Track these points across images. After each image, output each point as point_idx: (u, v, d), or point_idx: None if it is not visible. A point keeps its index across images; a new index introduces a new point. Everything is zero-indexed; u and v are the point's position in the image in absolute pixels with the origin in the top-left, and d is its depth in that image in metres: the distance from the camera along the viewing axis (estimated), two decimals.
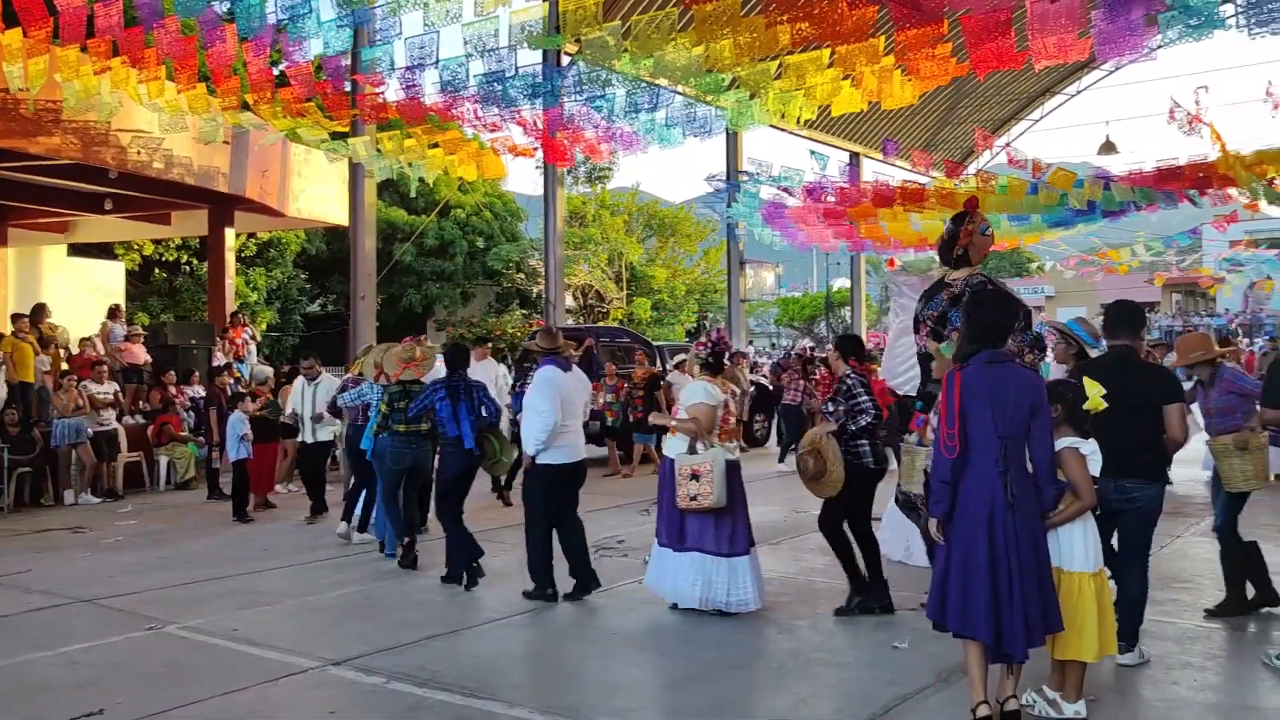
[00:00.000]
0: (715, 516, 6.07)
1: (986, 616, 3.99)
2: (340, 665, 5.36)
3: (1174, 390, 5.10)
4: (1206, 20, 8.20)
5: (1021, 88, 28.90)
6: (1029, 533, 4.07)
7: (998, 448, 4.05)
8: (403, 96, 9.83)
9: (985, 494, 4.04)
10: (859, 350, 6.26)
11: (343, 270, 25.41)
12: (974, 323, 4.38)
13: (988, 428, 4.07)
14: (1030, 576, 4.03)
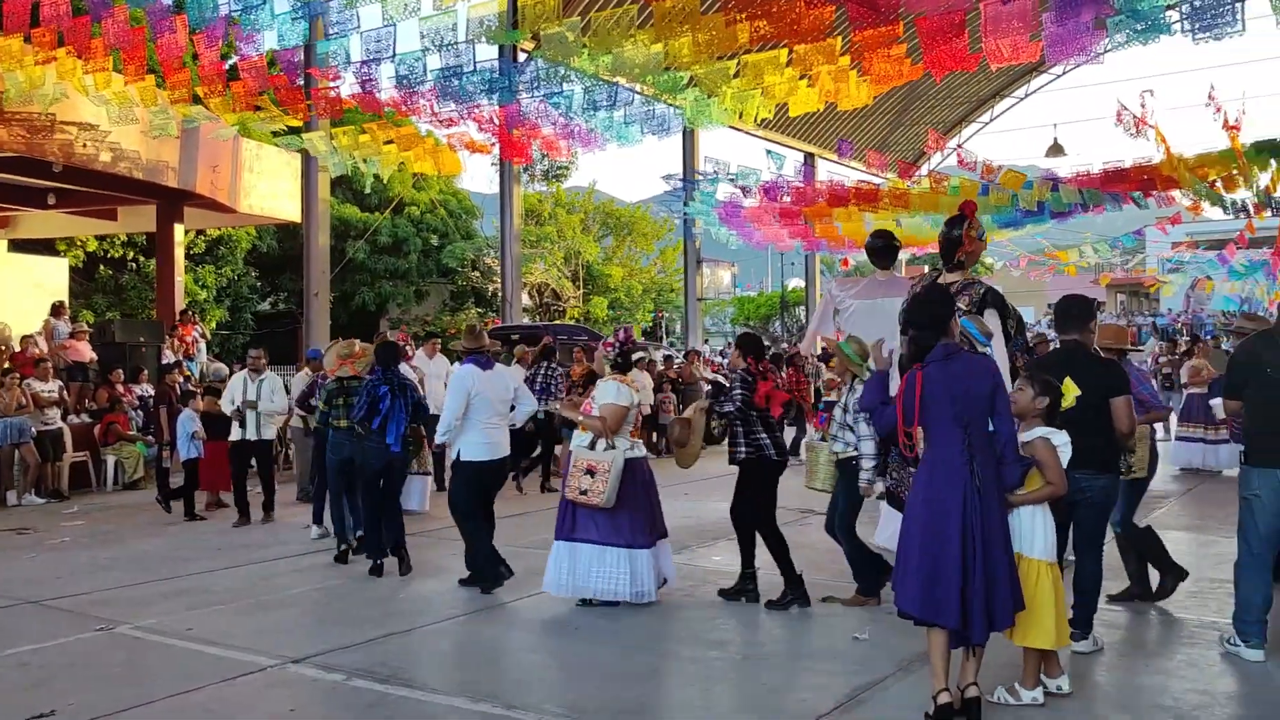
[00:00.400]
0: (613, 510, 6.17)
1: (955, 604, 4.07)
2: (300, 663, 5.30)
3: (1120, 383, 5.21)
4: (1152, 25, 8.39)
5: (972, 90, 29.37)
6: (995, 518, 4.17)
7: (961, 437, 4.16)
8: (358, 91, 9.75)
9: (953, 482, 4.14)
10: (757, 349, 6.50)
11: (295, 268, 25.09)
12: (915, 320, 4.50)
13: (950, 420, 4.18)
14: (997, 561, 4.13)
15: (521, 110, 10.48)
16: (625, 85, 10.22)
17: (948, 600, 4.07)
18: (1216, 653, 5.23)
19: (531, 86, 9.90)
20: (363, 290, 27.96)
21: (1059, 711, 4.41)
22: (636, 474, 6.29)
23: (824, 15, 7.52)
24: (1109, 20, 8.15)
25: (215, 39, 9.76)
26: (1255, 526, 5.05)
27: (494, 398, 6.94)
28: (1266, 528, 5.02)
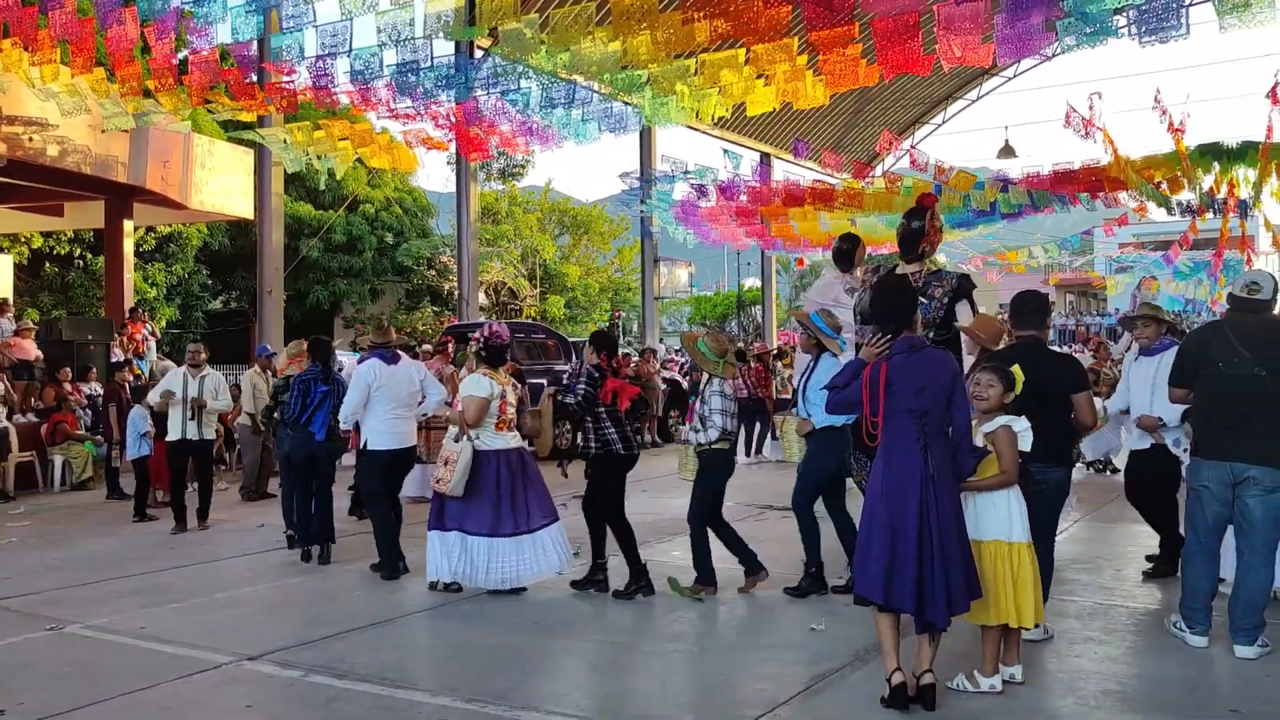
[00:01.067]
0: (475, 499, 6.44)
1: (911, 588, 4.17)
2: (256, 660, 5.25)
3: (1081, 379, 5.32)
4: (1101, 28, 8.58)
5: (925, 92, 29.73)
6: (950, 504, 4.29)
7: (917, 428, 4.28)
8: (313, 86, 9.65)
9: (909, 471, 4.25)
10: (609, 346, 6.72)
11: (247, 266, 24.75)
12: (878, 311, 4.61)
13: (908, 411, 4.30)
14: (952, 546, 4.23)
15: (479, 107, 10.45)
16: (583, 83, 10.23)
17: (904, 586, 4.19)
18: (1163, 639, 5.37)
19: (489, 83, 9.87)
20: (317, 289, 27.66)
21: (1010, 697, 4.50)
22: (501, 465, 6.49)
23: (781, 15, 7.59)
24: (1058, 23, 8.33)
25: (166, 31, 9.61)
26: (1204, 516, 5.17)
27: (398, 391, 7.29)
28: (1215, 517, 5.15)
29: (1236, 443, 5.03)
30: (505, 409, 6.60)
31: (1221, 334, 5.24)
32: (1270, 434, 5.01)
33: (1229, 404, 5.09)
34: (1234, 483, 5.04)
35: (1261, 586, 5.03)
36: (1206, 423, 5.22)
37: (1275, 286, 5.28)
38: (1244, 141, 14.66)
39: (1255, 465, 4.97)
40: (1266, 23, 7.88)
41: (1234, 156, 14.93)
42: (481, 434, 6.49)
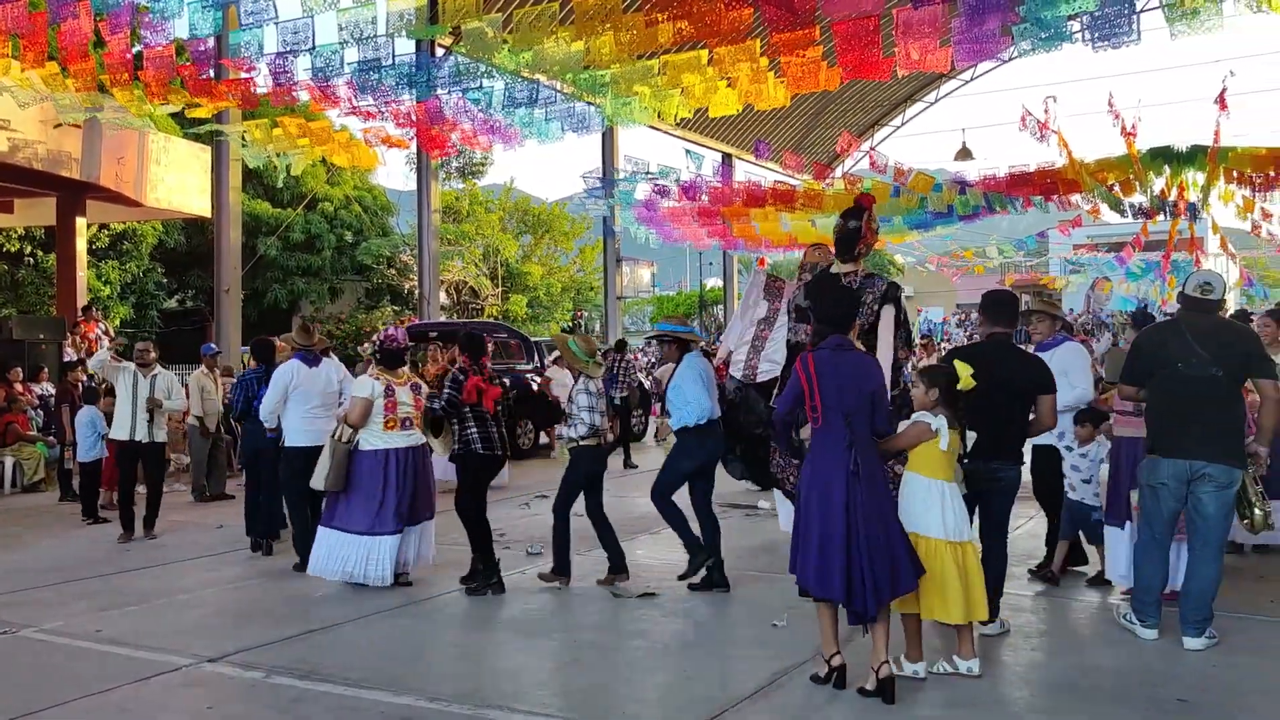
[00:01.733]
0: (357, 497, 6.68)
1: (841, 579, 4.40)
2: (216, 661, 5.21)
3: (1049, 380, 5.37)
4: (1055, 34, 8.73)
5: (885, 94, 30.03)
6: (876, 501, 4.50)
7: (845, 427, 4.51)
8: (273, 83, 9.55)
9: (837, 468, 4.48)
10: (474, 349, 6.89)
11: (203, 264, 24.40)
12: (820, 312, 4.93)
13: (834, 408, 4.53)
14: (878, 541, 4.43)
15: (440, 106, 10.40)
16: (546, 83, 10.23)
17: (833, 578, 4.42)
18: (1114, 633, 5.49)
19: (450, 82, 9.84)
20: (275, 287, 27.35)
21: (967, 689, 4.59)
22: (390, 463, 6.70)
23: (743, 17, 7.64)
24: (1014, 28, 8.47)
25: (121, 26, 9.46)
26: (1159, 512, 5.27)
27: (316, 391, 7.59)
28: (1170, 513, 5.26)
29: (1194, 441, 5.13)
30: (394, 409, 6.77)
31: (1179, 334, 5.30)
32: (1225, 432, 5.14)
33: (1186, 403, 5.17)
34: (1189, 479, 5.14)
35: (1210, 581, 5.15)
36: (1164, 422, 5.27)
37: (1224, 287, 5.41)
38: (1193, 145, 14.98)
39: (1212, 463, 5.08)
40: (1214, 29, 8.08)
41: (1184, 160, 15.25)
42: (366, 433, 6.70)
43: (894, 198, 16.38)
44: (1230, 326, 5.56)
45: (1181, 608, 5.21)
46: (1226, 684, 4.67)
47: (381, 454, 6.70)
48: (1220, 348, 5.19)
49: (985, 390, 5.12)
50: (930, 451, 4.70)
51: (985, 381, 5.13)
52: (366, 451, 6.70)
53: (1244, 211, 16.44)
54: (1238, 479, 5.14)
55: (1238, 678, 4.75)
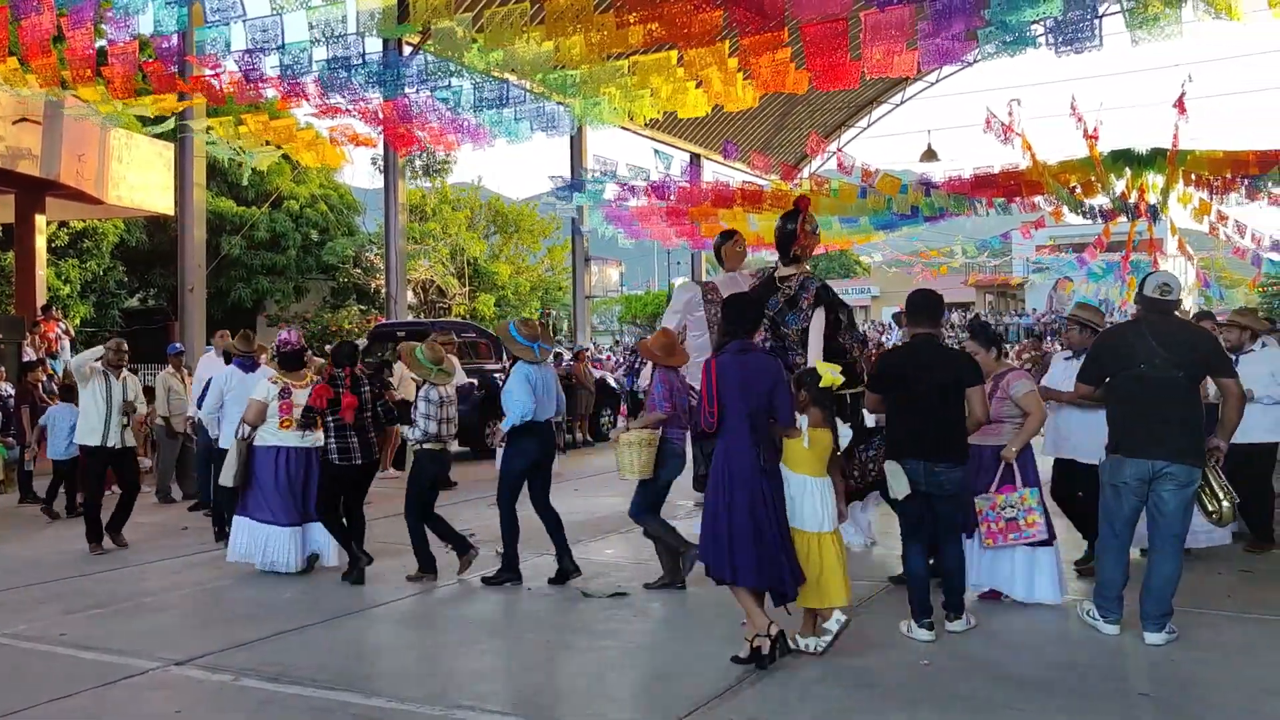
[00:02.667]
0: (259, 490, 7.22)
1: (753, 566, 4.80)
2: (184, 664, 5.16)
3: (975, 373, 5.45)
4: (1019, 38, 8.87)
5: (851, 96, 30.23)
6: (781, 495, 4.92)
7: (750, 424, 4.85)
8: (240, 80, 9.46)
9: (746, 462, 4.83)
10: (347, 358, 7.20)
11: (166, 262, 24.07)
12: (728, 320, 5.15)
13: (740, 407, 4.85)
14: (785, 531, 4.88)
15: (409, 104, 10.36)
16: (515, 82, 10.22)
17: (748, 565, 4.79)
18: (1077, 628, 5.58)
19: (419, 80, 9.80)
20: (239, 286, 27.03)
21: (929, 681, 4.66)
22: (282, 460, 7.22)
23: (713, 19, 7.69)
24: (979, 31, 8.59)
25: (83, 21, 9.34)
26: (1121, 511, 5.35)
27: (246, 395, 7.76)
28: (1131, 511, 5.34)
29: (1157, 441, 5.21)
30: (289, 410, 7.20)
31: (1141, 335, 5.37)
32: (1186, 432, 5.23)
33: (1149, 404, 5.25)
34: (1151, 478, 5.23)
35: (1170, 577, 5.25)
36: (1126, 422, 5.34)
37: (1180, 287, 5.53)
38: (1153, 148, 15.25)
39: (1175, 463, 5.17)
40: (1174, 36, 8.25)
41: (1144, 162, 15.52)
42: (263, 430, 7.24)
43: (861, 199, 16.53)
44: (1189, 328, 5.67)
45: (1142, 604, 5.30)
46: (1187, 678, 4.77)
47: (273, 450, 7.24)
48: (1182, 349, 5.28)
49: (913, 390, 5.24)
50: (794, 448, 5.03)
51: (912, 381, 5.30)
52: (261, 448, 7.27)
53: (1200, 213, 16.74)
54: (1198, 478, 5.25)
55: (1198, 671, 4.85)
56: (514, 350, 6.77)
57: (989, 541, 5.78)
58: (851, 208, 17.20)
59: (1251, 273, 23.21)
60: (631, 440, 6.41)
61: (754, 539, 4.77)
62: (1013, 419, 5.87)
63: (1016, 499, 5.73)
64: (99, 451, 8.32)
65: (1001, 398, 5.86)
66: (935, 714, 4.36)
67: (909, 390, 5.38)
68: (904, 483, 5.31)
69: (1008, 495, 5.73)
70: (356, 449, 6.99)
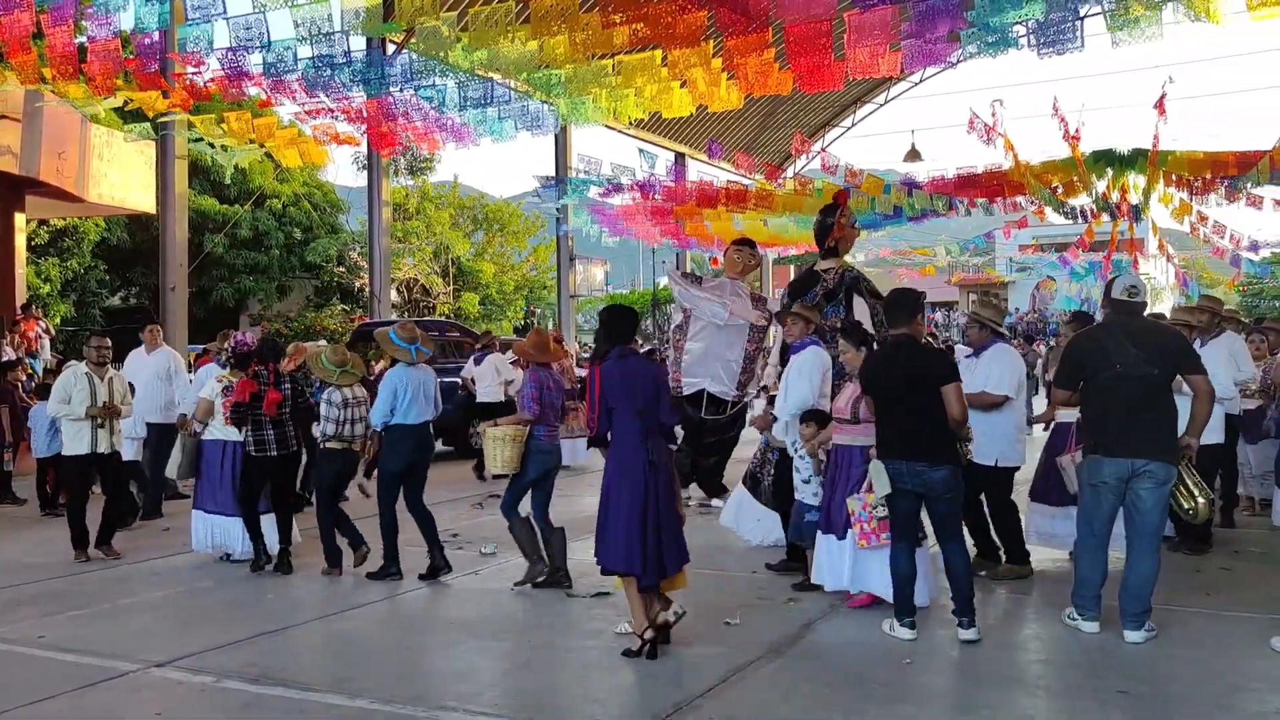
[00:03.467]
0: (209, 482, 7.72)
1: (638, 556, 5.08)
2: (164, 666, 5.13)
3: (951, 371, 5.46)
4: (1002, 39, 8.91)
5: (835, 96, 30.27)
6: (668, 488, 5.24)
7: (639, 423, 5.16)
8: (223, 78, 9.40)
9: (635, 458, 5.15)
10: (272, 354, 7.55)
11: (147, 261, 23.90)
12: (607, 328, 5.49)
13: (628, 408, 5.17)
14: (670, 521, 5.22)
15: (393, 103, 10.32)
16: (499, 81, 10.20)
17: (635, 555, 5.09)
18: (1057, 628, 5.61)
19: (404, 79, 9.77)
20: (221, 285, 26.87)
21: (911, 678, 4.68)
22: (228, 453, 7.64)
23: (698, 19, 7.69)
24: (962, 33, 8.62)
25: (64, 18, 9.26)
26: (1100, 510, 5.40)
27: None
28: (1110, 509, 5.39)
29: (1135, 440, 5.26)
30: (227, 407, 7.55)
31: (1114, 336, 5.43)
32: (1162, 430, 5.29)
33: (1126, 404, 5.30)
34: (1129, 477, 5.28)
35: (1148, 575, 5.29)
36: (1105, 422, 5.38)
37: (1146, 289, 5.58)
38: (1134, 149, 15.33)
39: (1153, 461, 5.23)
40: (1154, 38, 8.30)
41: (1125, 163, 15.60)
42: (212, 425, 7.66)
43: None
44: (1159, 327, 5.73)
45: (1121, 602, 5.34)
46: (1165, 674, 4.81)
47: (220, 443, 7.68)
48: (1154, 348, 5.35)
49: (889, 391, 5.26)
50: None
51: (890, 381, 5.34)
52: (208, 441, 7.76)
53: (1180, 214, 16.85)
54: (1174, 475, 5.30)
55: (1176, 668, 4.89)
56: (392, 353, 7.13)
57: (863, 542, 5.70)
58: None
59: (1231, 273, 23.39)
60: (497, 435, 6.60)
61: (640, 531, 5.09)
62: None
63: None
64: (86, 459, 7.90)
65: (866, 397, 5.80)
66: (916, 713, 4.39)
67: (888, 390, 5.41)
68: (885, 482, 5.33)
69: (879, 495, 5.57)
70: (272, 441, 7.35)
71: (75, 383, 7.89)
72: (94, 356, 8.05)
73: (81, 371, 8.00)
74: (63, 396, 7.84)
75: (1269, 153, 13.12)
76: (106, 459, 7.97)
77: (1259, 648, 5.14)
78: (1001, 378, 6.51)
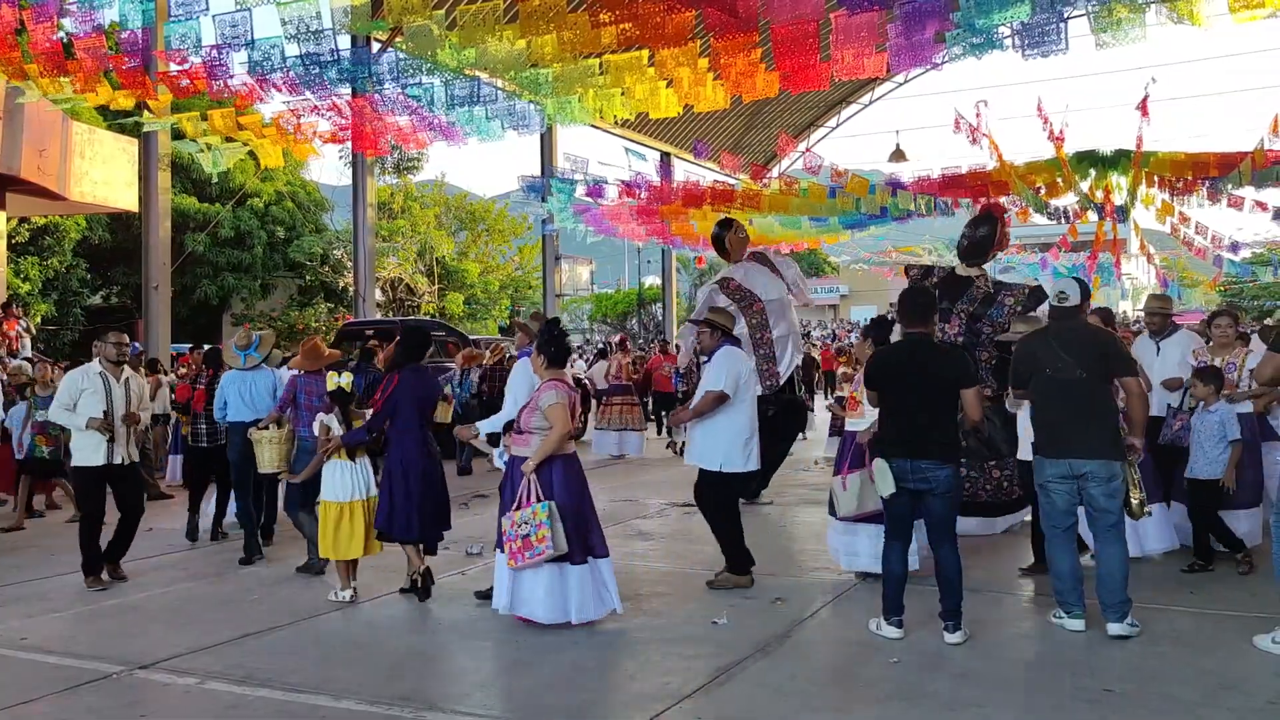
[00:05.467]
0: None
1: (417, 525, 6.36)
2: (148, 668, 5.10)
3: (970, 374, 5.51)
4: (987, 40, 8.95)
5: (820, 96, 30.36)
6: (438, 470, 6.55)
7: (420, 419, 6.50)
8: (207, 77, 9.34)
9: (417, 450, 6.41)
10: (212, 360, 8.71)
11: (129, 260, 23.72)
12: (405, 346, 6.63)
13: (412, 408, 6.44)
14: (440, 498, 6.55)
15: (379, 101, 10.29)
16: (486, 80, 10.17)
17: (414, 525, 6.35)
18: (1044, 626, 5.64)
19: (391, 77, 9.73)
20: (204, 284, 26.71)
21: (889, 675, 4.70)
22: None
23: (686, 19, 7.69)
24: (947, 34, 8.66)
25: (47, 15, 9.18)
26: (1054, 505, 5.51)
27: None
28: (1064, 503, 5.49)
29: (1069, 441, 5.40)
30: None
31: (1046, 342, 5.59)
32: (1097, 430, 5.40)
33: (1060, 406, 5.46)
34: (1074, 476, 5.40)
35: (1116, 563, 5.37)
36: (1042, 424, 5.57)
37: (1083, 292, 5.65)
38: (1117, 150, 15.43)
39: (1090, 460, 5.35)
40: (1137, 40, 8.36)
41: (1108, 164, 15.70)
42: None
43: (831, 199, 16.60)
44: (1090, 330, 5.77)
45: (1099, 594, 5.41)
46: (1150, 673, 4.84)
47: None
48: (1082, 351, 5.46)
49: (900, 388, 5.29)
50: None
51: (900, 379, 5.35)
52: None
53: (1163, 214, 16.97)
54: (1118, 470, 5.39)
55: (1160, 667, 4.92)
56: (228, 359, 8.21)
57: (512, 562, 5.53)
58: (821, 208, 17.26)
59: (1212, 273, 23.57)
60: (261, 438, 7.38)
61: (417, 505, 6.33)
62: (540, 430, 5.62)
63: (529, 514, 5.47)
64: (103, 472, 6.87)
65: (532, 409, 5.69)
66: (904, 711, 4.40)
67: (901, 388, 5.41)
68: (889, 481, 5.30)
69: (524, 512, 5.49)
70: (204, 435, 8.45)
71: (86, 384, 6.81)
72: (113, 354, 6.93)
73: (95, 371, 6.89)
74: (67, 400, 6.80)
75: (1250, 154, 13.22)
76: (127, 470, 6.98)
77: (1243, 646, 5.18)
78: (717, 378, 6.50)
